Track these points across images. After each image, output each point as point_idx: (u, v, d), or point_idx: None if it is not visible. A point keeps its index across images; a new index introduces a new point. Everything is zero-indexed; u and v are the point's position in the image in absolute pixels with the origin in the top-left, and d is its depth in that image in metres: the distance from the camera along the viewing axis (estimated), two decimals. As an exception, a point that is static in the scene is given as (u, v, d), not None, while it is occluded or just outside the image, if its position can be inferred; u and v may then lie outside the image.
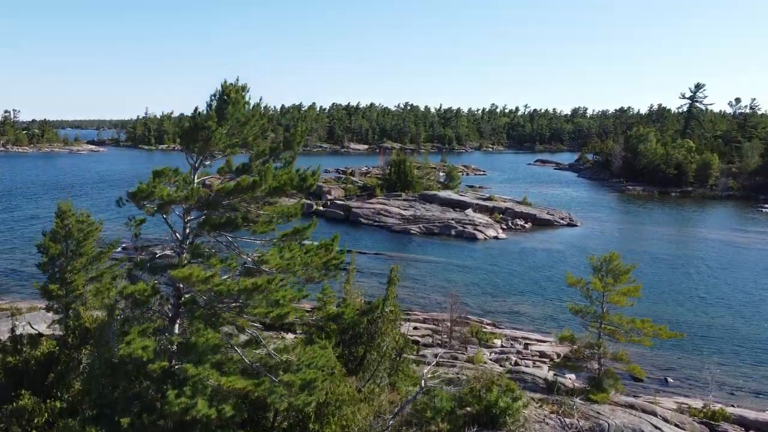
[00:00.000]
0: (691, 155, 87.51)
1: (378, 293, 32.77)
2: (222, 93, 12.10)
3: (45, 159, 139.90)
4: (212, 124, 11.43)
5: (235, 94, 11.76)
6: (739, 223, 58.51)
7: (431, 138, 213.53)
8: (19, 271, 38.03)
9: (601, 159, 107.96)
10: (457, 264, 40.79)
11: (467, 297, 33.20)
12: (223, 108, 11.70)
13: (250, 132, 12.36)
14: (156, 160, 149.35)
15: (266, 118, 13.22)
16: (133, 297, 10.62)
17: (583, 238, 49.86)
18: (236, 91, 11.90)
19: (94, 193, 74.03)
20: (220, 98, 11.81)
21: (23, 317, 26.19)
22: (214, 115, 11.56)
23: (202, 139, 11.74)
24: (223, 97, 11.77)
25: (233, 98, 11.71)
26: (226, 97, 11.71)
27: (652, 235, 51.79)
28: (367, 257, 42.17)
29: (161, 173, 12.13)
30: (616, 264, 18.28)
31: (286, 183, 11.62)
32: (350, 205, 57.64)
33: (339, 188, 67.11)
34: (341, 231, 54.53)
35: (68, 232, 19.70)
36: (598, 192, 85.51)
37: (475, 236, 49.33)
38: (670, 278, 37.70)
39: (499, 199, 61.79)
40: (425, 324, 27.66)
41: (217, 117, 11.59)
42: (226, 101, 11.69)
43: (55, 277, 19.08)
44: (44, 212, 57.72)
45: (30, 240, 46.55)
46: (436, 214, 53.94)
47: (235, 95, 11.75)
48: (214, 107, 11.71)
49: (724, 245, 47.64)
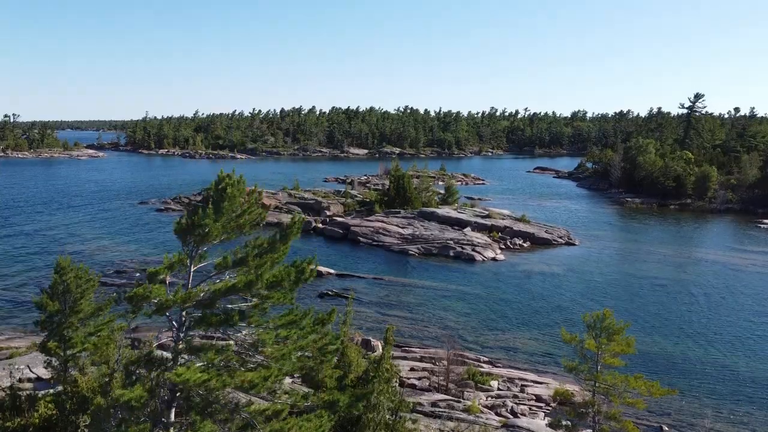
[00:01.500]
0: (690, 167, 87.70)
1: (376, 326, 32.97)
2: (219, 182, 12.24)
3: (45, 166, 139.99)
4: (209, 222, 11.58)
5: (231, 189, 11.91)
6: (738, 242, 58.61)
7: (431, 142, 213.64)
8: (19, 299, 38.03)
9: (601, 168, 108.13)
10: (454, 290, 40.91)
11: (464, 329, 33.36)
12: (220, 203, 11.84)
13: (246, 221, 12.52)
14: (156, 166, 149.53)
15: (262, 209, 13.34)
16: (130, 404, 10.70)
17: (581, 260, 49.98)
18: (233, 184, 12.04)
19: (95, 203, 74.05)
20: (217, 192, 11.94)
21: (22, 359, 26.37)
22: (211, 213, 11.71)
23: (199, 234, 11.89)
24: (219, 191, 11.90)
25: (229, 194, 11.85)
26: (222, 192, 11.84)
27: (650, 256, 51.89)
28: (366, 282, 42.28)
29: (156, 275, 12.21)
30: (610, 322, 18.35)
31: (283, 278, 11.77)
32: (349, 223, 57.76)
33: (338, 203, 67.24)
34: (340, 251, 54.86)
35: (66, 288, 19.79)
36: (597, 204, 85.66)
37: (473, 258, 49.44)
38: (667, 307, 37.84)
39: (498, 216, 61.88)
40: (422, 363, 27.77)
41: (214, 213, 11.73)
42: (223, 197, 11.83)
43: (54, 334, 19.22)
44: (43, 231, 57.73)
45: (28, 262, 46.82)
46: (434, 234, 54.06)
47: (232, 190, 11.90)
48: (211, 203, 11.85)
49: (723, 268, 47.75)
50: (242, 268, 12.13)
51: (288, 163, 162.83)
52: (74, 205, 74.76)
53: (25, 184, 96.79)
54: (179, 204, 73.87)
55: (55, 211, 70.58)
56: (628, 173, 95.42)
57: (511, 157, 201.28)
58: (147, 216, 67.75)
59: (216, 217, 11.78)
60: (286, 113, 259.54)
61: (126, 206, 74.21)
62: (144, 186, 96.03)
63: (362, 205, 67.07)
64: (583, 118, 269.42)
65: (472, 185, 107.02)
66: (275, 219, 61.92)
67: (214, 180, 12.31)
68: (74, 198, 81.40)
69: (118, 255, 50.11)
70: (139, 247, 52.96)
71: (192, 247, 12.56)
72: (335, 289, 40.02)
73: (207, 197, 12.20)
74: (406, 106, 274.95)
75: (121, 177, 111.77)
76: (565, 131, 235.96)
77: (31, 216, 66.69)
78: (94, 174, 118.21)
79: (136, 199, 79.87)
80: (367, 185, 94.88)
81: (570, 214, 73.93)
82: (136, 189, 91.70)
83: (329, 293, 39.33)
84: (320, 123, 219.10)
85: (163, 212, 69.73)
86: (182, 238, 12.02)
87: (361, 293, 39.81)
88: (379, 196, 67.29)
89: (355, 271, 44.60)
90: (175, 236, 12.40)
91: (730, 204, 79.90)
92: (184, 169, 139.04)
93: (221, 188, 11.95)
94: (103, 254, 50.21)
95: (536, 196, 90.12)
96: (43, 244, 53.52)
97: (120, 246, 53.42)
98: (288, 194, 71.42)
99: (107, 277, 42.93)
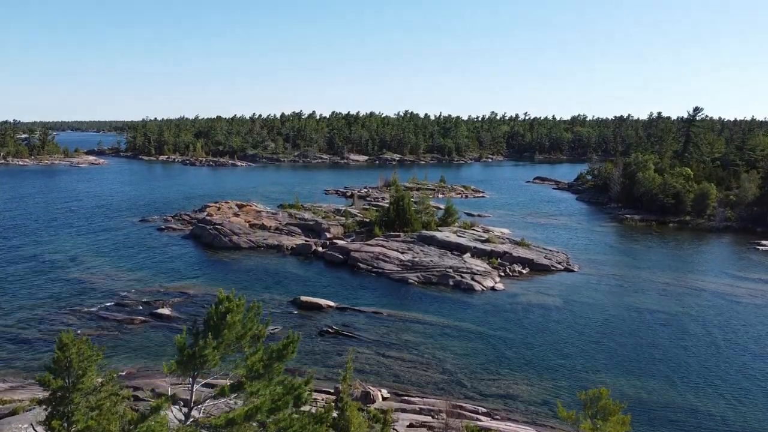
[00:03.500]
0: (689, 184, 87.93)
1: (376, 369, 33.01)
2: (218, 304, 12.48)
3: (45, 176, 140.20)
4: (209, 352, 11.82)
5: (231, 316, 12.14)
6: (737, 268, 58.75)
7: (431, 148, 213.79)
8: (21, 337, 38.19)
9: (600, 182, 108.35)
10: (453, 326, 41.12)
11: (463, 373, 33.57)
12: (220, 330, 12.07)
13: (246, 340, 12.75)
14: (156, 176, 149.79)
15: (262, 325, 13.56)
16: None
17: (580, 291, 50.22)
18: (233, 309, 12.27)
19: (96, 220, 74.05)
20: (217, 316, 12.16)
21: (25, 415, 26.59)
22: (212, 343, 11.94)
23: (199, 363, 12.12)
24: (220, 316, 12.13)
25: (229, 321, 12.09)
26: (222, 318, 12.08)
27: (649, 285, 52.09)
28: (365, 317, 42.51)
29: (158, 408, 12.41)
30: (605, 403, 18.60)
31: (281, 405, 11.98)
32: (349, 248, 57.96)
33: (338, 225, 67.49)
34: (340, 278, 55.10)
35: (69, 364, 19.98)
36: (597, 221, 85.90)
37: (472, 288, 49.67)
38: (665, 349, 38.02)
39: (497, 240, 62.10)
40: (421, 415, 28.00)
41: (214, 341, 11.97)
42: (223, 323, 12.07)
43: (57, 412, 19.42)
44: (45, 255, 57.84)
45: (30, 295, 46.93)
46: (434, 260, 54.29)
47: (231, 317, 12.13)
48: (211, 332, 12.08)
49: (723, 300, 47.91)
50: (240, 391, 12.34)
51: (288, 171, 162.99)
52: (75, 225, 74.94)
53: (25, 199, 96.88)
54: (180, 222, 74.17)
55: (56, 231, 70.81)
56: (627, 188, 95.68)
57: (511, 164, 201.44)
58: (149, 237, 67.94)
59: (217, 345, 12.00)
60: (287, 118, 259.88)
61: (127, 225, 74.46)
62: (145, 200, 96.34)
63: (362, 226, 67.34)
64: (583, 123, 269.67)
65: (471, 198, 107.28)
66: (276, 241, 62.43)
67: (214, 303, 12.53)
68: (75, 215, 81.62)
69: (119, 284, 50.36)
70: (140, 274, 53.16)
71: (192, 377, 12.73)
72: (335, 325, 40.24)
73: (208, 319, 12.41)
74: (406, 111, 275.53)
75: (122, 189, 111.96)
76: (565, 136, 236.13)
77: (32, 237, 66.94)
78: (94, 185, 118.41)
79: (137, 215, 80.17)
80: (367, 198, 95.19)
81: (569, 234, 74.14)
82: (136, 203, 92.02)
83: (329, 330, 39.55)
84: (320, 128, 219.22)
85: (164, 231, 69.98)
86: (183, 371, 12.21)
87: (360, 330, 40.10)
88: (378, 217, 67.53)
89: (354, 304, 44.84)
90: (174, 371, 12.60)
91: (728, 222, 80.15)
92: (184, 179, 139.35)
93: (222, 313, 12.18)
94: (104, 283, 50.46)
95: (535, 213, 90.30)
96: (44, 271, 53.76)
97: (121, 273, 53.65)
98: (288, 214, 71.63)
99: (109, 312, 43.28)
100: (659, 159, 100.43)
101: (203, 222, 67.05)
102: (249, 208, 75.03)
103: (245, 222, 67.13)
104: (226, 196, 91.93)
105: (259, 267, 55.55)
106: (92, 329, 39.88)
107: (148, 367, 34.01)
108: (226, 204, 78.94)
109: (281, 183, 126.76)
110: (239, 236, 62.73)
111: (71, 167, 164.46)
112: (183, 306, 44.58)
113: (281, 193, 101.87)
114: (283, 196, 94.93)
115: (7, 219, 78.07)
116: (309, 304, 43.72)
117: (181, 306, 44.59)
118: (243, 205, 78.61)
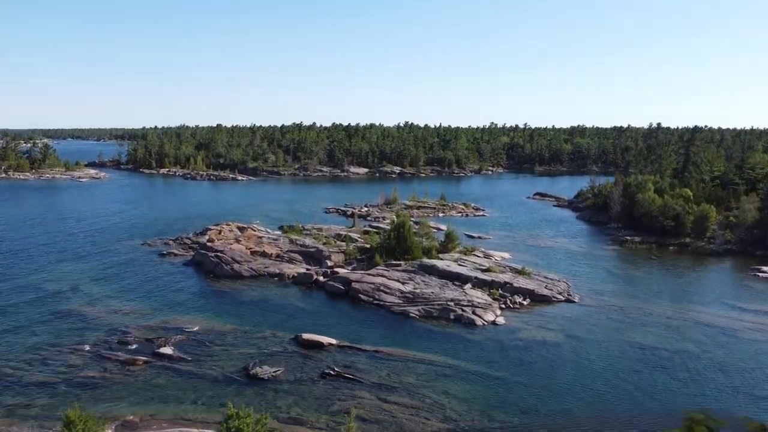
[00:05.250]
0: (689, 205, 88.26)
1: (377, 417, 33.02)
2: (228, 419, 12.68)
3: (46, 192, 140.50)
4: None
5: None
6: (738, 297, 58.90)
7: (431, 161, 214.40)
8: (25, 382, 38.20)
9: (600, 200, 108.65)
10: (455, 366, 41.25)
11: (464, 421, 33.71)
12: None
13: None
14: (157, 191, 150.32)
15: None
16: None
17: (581, 324, 50.50)
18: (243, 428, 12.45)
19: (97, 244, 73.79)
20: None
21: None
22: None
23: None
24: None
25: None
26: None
27: (649, 318, 52.23)
28: (367, 356, 42.64)
29: None
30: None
31: None
32: (350, 279, 58.08)
33: (339, 252, 67.70)
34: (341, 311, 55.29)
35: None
36: (597, 243, 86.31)
37: (473, 322, 49.88)
38: (664, 393, 38.18)
39: (498, 269, 62.35)
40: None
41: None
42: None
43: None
44: (46, 285, 58.00)
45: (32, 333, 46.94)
46: (435, 291, 54.48)
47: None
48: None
49: (724, 335, 48.06)
50: None
51: (289, 186, 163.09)
52: (76, 249, 75.08)
53: (25, 221, 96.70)
54: (181, 246, 74.38)
55: (57, 256, 71.06)
56: (627, 208, 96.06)
57: (511, 177, 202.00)
58: (150, 264, 68.06)
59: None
60: (287, 129, 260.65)
61: (129, 249, 74.61)
62: (146, 219, 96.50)
63: (363, 252, 67.55)
64: (583, 133, 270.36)
65: (472, 216, 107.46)
66: (277, 269, 62.57)
67: (224, 417, 12.75)
68: (76, 238, 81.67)
69: (121, 317, 50.58)
70: (142, 306, 53.36)
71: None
72: (337, 367, 40.36)
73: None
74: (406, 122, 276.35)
75: (123, 208, 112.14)
76: (565, 148, 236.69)
77: (32, 264, 67.15)
78: (95, 204, 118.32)
79: (139, 237, 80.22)
80: (367, 218, 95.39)
81: (570, 260, 74.43)
82: (138, 223, 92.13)
83: (331, 372, 39.69)
84: (320, 140, 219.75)
85: (165, 257, 70.14)
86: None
87: (362, 371, 40.21)
88: (379, 244, 67.75)
89: (356, 341, 44.97)
90: None
91: (728, 244, 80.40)
92: (185, 195, 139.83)
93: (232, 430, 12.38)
94: (106, 316, 50.68)
95: (536, 235, 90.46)
96: (45, 302, 54.01)
97: (123, 304, 53.86)
98: (289, 240, 71.86)
99: (111, 351, 43.44)
100: (659, 179, 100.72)
101: (204, 248, 67.30)
102: (250, 233, 75.27)
103: (246, 248, 67.36)
104: (227, 215, 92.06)
105: (261, 299, 55.72)
106: (95, 371, 40.02)
107: (151, 415, 34.14)
108: (227, 227, 79.16)
109: (282, 200, 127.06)
110: (240, 264, 62.95)
111: (72, 181, 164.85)
112: (186, 344, 44.70)
113: (282, 212, 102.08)
114: (284, 215, 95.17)
115: (7, 243, 78.22)
116: (310, 342, 43.90)
117: (184, 344, 44.72)
118: (244, 228, 78.86)
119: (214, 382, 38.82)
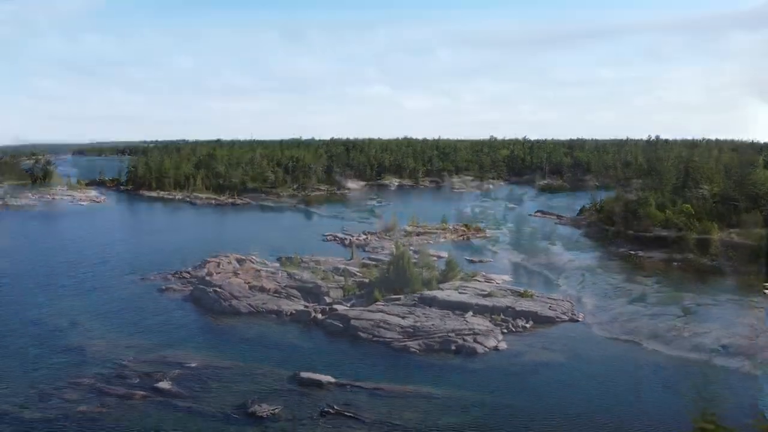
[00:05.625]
0: (691, 221, 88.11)
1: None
2: None
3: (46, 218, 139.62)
4: None
5: None
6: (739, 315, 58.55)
7: (429, 173, 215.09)
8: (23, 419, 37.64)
9: (603, 216, 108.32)
10: (457, 398, 40.69)
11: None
12: None
13: None
14: (157, 218, 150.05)
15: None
16: None
17: (585, 344, 50.76)
18: None
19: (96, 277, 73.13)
20: None
21: None
22: None
23: None
24: None
25: None
26: None
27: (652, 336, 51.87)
28: (366, 394, 41.90)
29: None
30: None
31: None
32: (349, 316, 56.79)
33: (338, 287, 66.87)
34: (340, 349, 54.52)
35: None
36: (600, 259, 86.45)
37: (475, 351, 49.32)
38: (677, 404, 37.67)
39: (500, 294, 61.89)
40: None
41: None
42: None
43: None
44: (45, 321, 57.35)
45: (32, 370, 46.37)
46: (435, 323, 53.76)
47: None
48: None
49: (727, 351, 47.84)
50: None
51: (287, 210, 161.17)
52: (76, 284, 73.89)
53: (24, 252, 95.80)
54: (180, 281, 73.31)
55: (56, 290, 70.26)
56: (630, 224, 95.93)
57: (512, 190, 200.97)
58: (149, 298, 66.64)
59: None
60: (286, 146, 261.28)
61: (128, 283, 73.35)
62: (146, 250, 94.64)
63: (362, 288, 66.60)
64: (582, 147, 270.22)
65: (473, 240, 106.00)
66: (275, 306, 61.65)
67: None
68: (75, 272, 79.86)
69: (120, 352, 50.09)
70: (141, 341, 52.71)
71: None
72: (336, 405, 39.70)
73: None
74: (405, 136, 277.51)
75: (123, 238, 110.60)
76: (565, 161, 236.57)
77: (32, 298, 66.45)
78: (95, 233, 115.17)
79: (138, 271, 78.41)
80: (366, 249, 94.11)
81: (574, 277, 74.48)
82: (138, 255, 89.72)
83: (330, 410, 39.08)
84: (319, 156, 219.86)
85: (164, 293, 68.97)
86: None
87: (361, 408, 39.51)
88: (378, 278, 66.93)
89: (355, 379, 44.03)
90: None
91: (731, 261, 79.94)
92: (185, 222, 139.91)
93: None
94: (105, 351, 50.20)
95: (539, 254, 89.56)
96: (44, 338, 53.58)
97: (122, 339, 53.37)
98: (288, 274, 71.31)
99: (109, 385, 43.07)
100: (660, 195, 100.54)
101: (203, 283, 66.96)
102: (249, 266, 74.90)
103: (245, 283, 66.93)
104: (226, 245, 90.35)
105: (260, 336, 54.75)
106: (93, 406, 39.70)
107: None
108: (226, 259, 78.65)
109: (281, 227, 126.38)
110: (239, 300, 62.47)
111: (72, 204, 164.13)
112: (184, 380, 44.15)
113: (281, 240, 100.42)
114: (283, 243, 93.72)
115: (7, 276, 77.67)
116: (309, 381, 43.22)
117: (182, 379, 44.16)
118: (243, 260, 78.45)
119: (213, 419, 38.43)
